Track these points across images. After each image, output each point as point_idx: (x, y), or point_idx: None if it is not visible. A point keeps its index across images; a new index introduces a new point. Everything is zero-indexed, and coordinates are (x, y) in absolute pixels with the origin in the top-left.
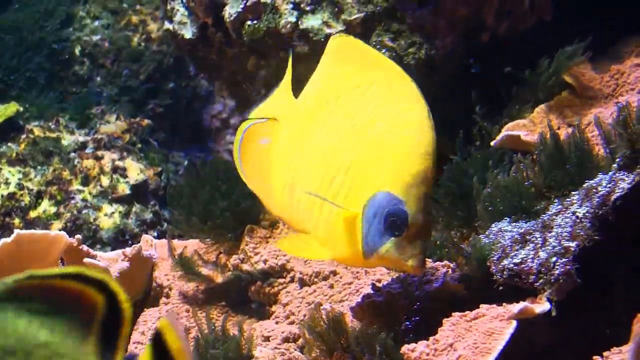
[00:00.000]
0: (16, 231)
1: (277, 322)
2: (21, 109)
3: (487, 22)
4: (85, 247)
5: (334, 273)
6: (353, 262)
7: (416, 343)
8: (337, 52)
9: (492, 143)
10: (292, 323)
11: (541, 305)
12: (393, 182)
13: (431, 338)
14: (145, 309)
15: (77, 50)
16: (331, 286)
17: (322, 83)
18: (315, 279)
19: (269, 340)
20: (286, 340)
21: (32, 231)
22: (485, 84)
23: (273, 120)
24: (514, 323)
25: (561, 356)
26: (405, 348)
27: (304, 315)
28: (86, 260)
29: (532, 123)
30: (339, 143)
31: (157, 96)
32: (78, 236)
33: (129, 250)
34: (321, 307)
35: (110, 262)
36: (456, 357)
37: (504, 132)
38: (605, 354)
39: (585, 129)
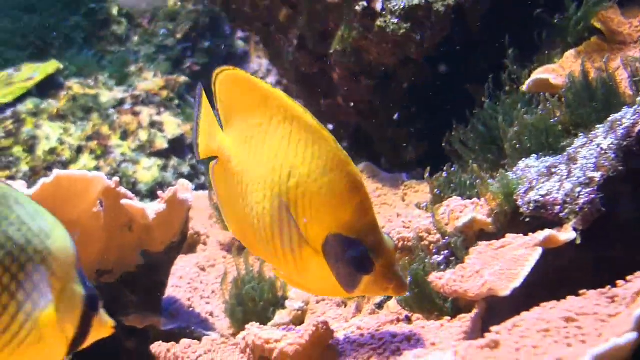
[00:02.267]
0: (55, 171)
1: None
2: (61, 66)
3: None
4: (123, 189)
5: None
6: (342, 296)
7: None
8: (225, 88)
9: (522, 88)
10: None
11: (566, 234)
12: (339, 226)
13: (458, 266)
14: (182, 254)
15: (114, 11)
16: None
17: (232, 120)
18: None
19: None
20: None
21: (71, 171)
22: (515, 29)
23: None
24: (540, 250)
25: (585, 283)
26: (433, 276)
27: None
28: (123, 201)
29: (562, 68)
30: (268, 189)
31: (194, 55)
32: (116, 178)
33: (165, 193)
34: None
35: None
36: (482, 282)
37: (533, 76)
38: (628, 277)
39: (615, 73)
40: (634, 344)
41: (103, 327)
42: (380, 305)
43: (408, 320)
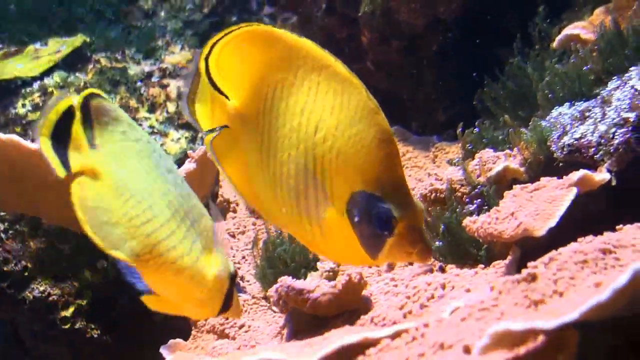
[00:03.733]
0: None
1: None
2: (88, 39)
3: None
4: None
5: None
6: (363, 264)
7: None
8: (234, 50)
9: (552, 45)
10: None
11: (601, 174)
12: (364, 181)
13: (493, 209)
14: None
15: None
16: None
17: (243, 85)
18: None
19: None
20: None
21: None
22: None
23: (225, 128)
24: (575, 190)
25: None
26: (467, 220)
27: None
28: None
29: (591, 24)
30: (293, 148)
31: (221, 29)
32: None
33: (195, 152)
34: None
35: None
36: (517, 224)
37: (564, 32)
38: None
39: None
40: None
41: (238, 308)
42: None
43: (442, 270)
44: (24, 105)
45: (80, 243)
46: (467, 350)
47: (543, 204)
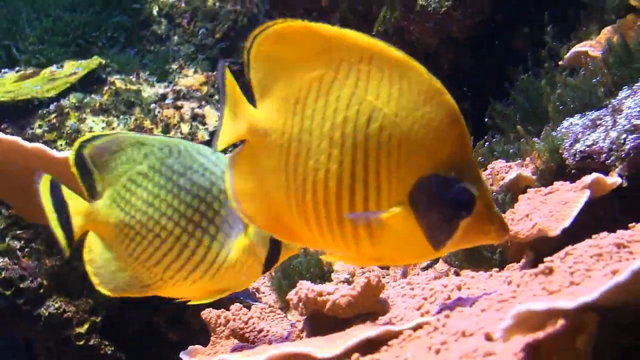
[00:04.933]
0: None
1: None
2: (103, 62)
3: None
4: None
5: None
6: (419, 260)
7: None
8: (269, 48)
9: (560, 62)
10: None
11: (612, 178)
12: (436, 164)
13: (508, 211)
14: None
15: (154, 11)
16: None
17: (274, 87)
18: None
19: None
20: None
21: None
22: (552, 10)
23: (246, 142)
24: (588, 192)
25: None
26: None
27: None
28: None
29: (599, 43)
30: (336, 147)
31: (232, 55)
32: None
33: None
34: None
35: None
36: (532, 224)
37: (573, 50)
38: None
39: None
40: None
41: (290, 248)
42: (426, 268)
43: (457, 274)
44: (40, 126)
45: None
46: (488, 337)
47: (557, 205)
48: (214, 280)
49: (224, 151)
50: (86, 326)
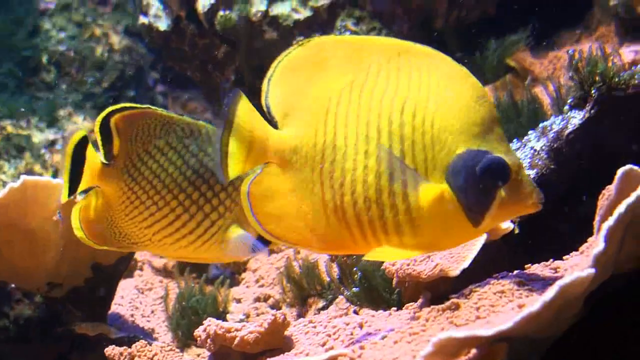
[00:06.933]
0: (22, 176)
1: (247, 287)
2: None
3: (439, 11)
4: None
5: None
6: (460, 241)
7: None
8: (293, 68)
9: None
10: (262, 286)
11: (505, 223)
12: (469, 139)
13: None
14: (122, 279)
15: (44, 59)
16: (297, 252)
17: (299, 105)
18: (283, 247)
19: (241, 302)
20: (257, 300)
21: (36, 177)
22: None
23: (268, 165)
24: (484, 236)
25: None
26: (386, 263)
27: (273, 279)
28: None
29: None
30: (372, 142)
31: (119, 103)
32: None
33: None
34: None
35: None
36: (434, 265)
37: None
38: (565, 256)
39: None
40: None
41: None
42: (324, 308)
43: (356, 313)
44: None
45: None
46: None
47: (457, 248)
48: (196, 252)
49: None
50: None
